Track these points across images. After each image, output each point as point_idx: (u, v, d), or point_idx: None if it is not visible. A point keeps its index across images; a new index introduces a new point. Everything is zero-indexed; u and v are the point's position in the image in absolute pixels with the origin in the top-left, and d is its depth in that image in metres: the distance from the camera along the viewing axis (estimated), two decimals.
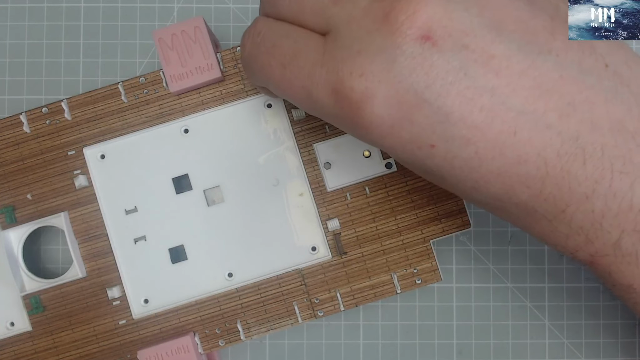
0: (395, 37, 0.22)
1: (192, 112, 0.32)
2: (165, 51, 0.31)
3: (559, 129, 0.22)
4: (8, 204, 0.32)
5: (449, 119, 0.22)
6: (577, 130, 0.22)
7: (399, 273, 0.32)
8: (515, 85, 0.22)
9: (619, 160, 0.23)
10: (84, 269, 0.32)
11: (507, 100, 0.22)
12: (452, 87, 0.22)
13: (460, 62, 0.22)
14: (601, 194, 0.23)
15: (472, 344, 0.36)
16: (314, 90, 0.24)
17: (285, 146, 0.32)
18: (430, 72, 0.22)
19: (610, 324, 0.35)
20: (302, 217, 0.32)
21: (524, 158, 0.22)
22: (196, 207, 0.32)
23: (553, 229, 0.24)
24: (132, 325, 0.32)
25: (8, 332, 0.32)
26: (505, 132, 0.22)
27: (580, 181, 0.23)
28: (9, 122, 0.32)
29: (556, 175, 0.23)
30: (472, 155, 0.23)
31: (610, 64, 0.23)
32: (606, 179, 0.23)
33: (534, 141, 0.22)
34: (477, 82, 0.22)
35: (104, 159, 0.32)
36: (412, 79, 0.22)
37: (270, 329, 0.32)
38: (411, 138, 0.23)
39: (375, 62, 0.22)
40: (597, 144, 0.22)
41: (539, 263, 0.36)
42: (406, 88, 0.22)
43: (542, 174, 0.23)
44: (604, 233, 0.24)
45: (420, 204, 0.32)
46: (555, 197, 0.23)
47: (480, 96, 0.22)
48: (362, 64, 0.22)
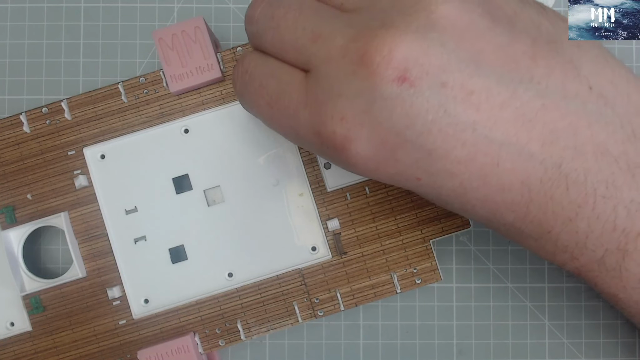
0: (373, 79, 0.22)
1: (192, 112, 0.32)
2: (166, 51, 0.31)
3: (541, 157, 0.22)
4: (8, 204, 0.32)
5: (432, 155, 0.22)
6: (560, 157, 0.23)
7: (398, 273, 0.32)
8: (496, 118, 0.22)
9: (602, 184, 0.23)
10: (84, 269, 0.32)
11: (489, 134, 0.22)
12: (433, 126, 0.22)
13: (439, 100, 0.22)
14: (584, 216, 0.23)
15: (472, 344, 0.35)
16: (300, 130, 0.24)
17: (285, 146, 0.32)
18: (410, 112, 0.22)
19: (610, 324, 0.35)
20: (302, 217, 0.32)
21: (507, 186, 0.23)
22: (196, 207, 0.32)
23: (540, 246, 0.25)
24: (132, 325, 0.32)
25: (8, 332, 0.32)
26: (489, 164, 0.22)
27: (563, 205, 0.23)
28: (9, 122, 0.32)
29: (540, 200, 0.23)
30: (457, 186, 0.23)
31: (594, 85, 0.23)
32: (589, 203, 0.23)
33: (517, 171, 0.23)
34: (457, 118, 0.22)
35: (104, 159, 0.32)
36: (392, 120, 0.22)
37: (270, 328, 0.32)
38: (397, 172, 0.23)
39: (355, 106, 0.22)
40: (580, 169, 0.23)
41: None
42: (387, 129, 0.22)
43: (526, 200, 0.23)
44: (588, 251, 0.24)
45: (420, 204, 0.32)
46: (540, 220, 0.24)
47: (462, 132, 0.22)
48: (342, 108, 0.22)
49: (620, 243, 0.24)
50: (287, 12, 0.25)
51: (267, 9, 0.25)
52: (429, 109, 0.22)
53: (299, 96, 0.24)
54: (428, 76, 0.22)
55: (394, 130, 0.22)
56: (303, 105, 0.24)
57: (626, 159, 0.23)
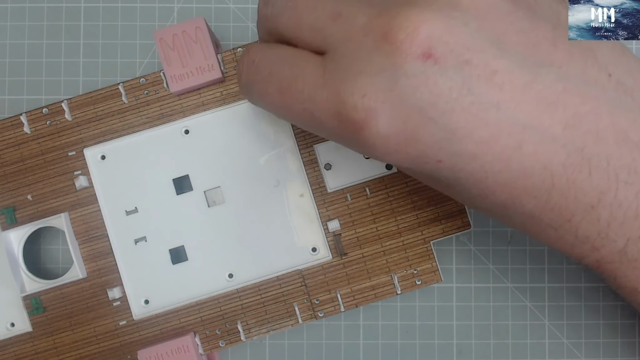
0: (396, 56, 0.22)
1: (192, 113, 0.32)
2: (166, 51, 0.31)
3: (564, 141, 0.22)
4: (8, 205, 0.32)
5: (455, 135, 0.22)
6: (582, 142, 0.22)
7: (399, 274, 0.32)
8: (519, 100, 0.22)
9: (624, 170, 0.23)
10: (85, 269, 0.32)
11: (512, 115, 0.22)
12: (456, 104, 0.22)
13: (463, 78, 0.22)
14: (607, 203, 0.23)
15: (472, 344, 0.36)
16: (316, 112, 0.24)
17: (285, 147, 0.32)
18: (434, 90, 0.22)
19: (610, 324, 0.35)
20: (303, 218, 0.32)
21: (529, 171, 0.23)
22: (197, 208, 0.32)
23: (559, 237, 0.25)
24: (133, 326, 0.32)
25: (8, 332, 0.32)
26: (511, 147, 0.22)
27: (585, 192, 0.23)
28: (10, 122, 0.32)
29: (562, 186, 0.23)
30: (479, 169, 0.23)
31: (613, 73, 0.23)
32: (612, 189, 0.23)
33: (539, 154, 0.22)
34: (481, 97, 0.22)
35: (104, 160, 0.32)
36: (415, 97, 0.22)
37: (270, 329, 0.32)
38: (418, 155, 0.23)
39: (377, 83, 0.22)
40: (602, 155, 0.22)
41: (539, 263, 0.36)
42: (410, 107, 0.22)
43: (548, 186, 0.23)
44: (609, 241, 0.24)
45: (421, 205, 0.32)
46: (561, 207, 0.23)
47: (485, 111, 0.22)
48: (364, 85, 0.22)
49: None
50: None
51: None
52: (453, 87, 0.21)
53: (315, 79, 0.24)
54: (452, 54, 0.21)
55: (416, 108, 0.22)
56: (320, 87, 0.23)
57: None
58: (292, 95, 0.25)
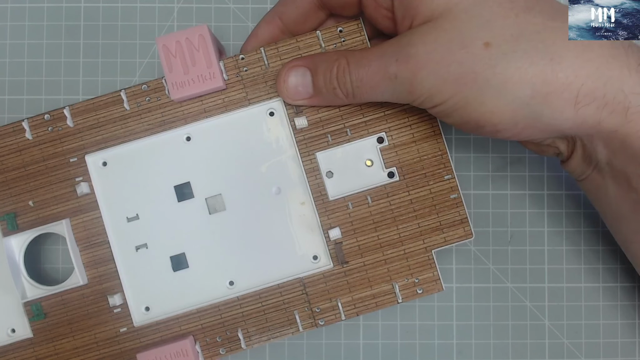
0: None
1: (194, 120, 0.32)
2: (168, 58, 0.31)
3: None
4: (10, 211, 0.32)
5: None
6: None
7: (400, 283, 0.32)
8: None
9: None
10: (85, 276, 0.32)
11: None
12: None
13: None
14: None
15: (472, 344, 0.36)
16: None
17: (287, 155, 0.32)
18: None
19: (610, 324, 0.36)
20: (304, 226, 0.32)
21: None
22: (198, 215, 0.32)
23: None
24: (133, 332, 0.32)
25: (9, 338, 0.32)
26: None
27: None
28: (11, 128, 0.32)
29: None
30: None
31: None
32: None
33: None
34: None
35: (105, 166, 0.32)
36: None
37: (271, 337, 0.32)
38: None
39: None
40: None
41: (539, 263, 0.36)
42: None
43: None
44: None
45: (422, 213, 0.32)
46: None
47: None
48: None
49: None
50: None
51: None
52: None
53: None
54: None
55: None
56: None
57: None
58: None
